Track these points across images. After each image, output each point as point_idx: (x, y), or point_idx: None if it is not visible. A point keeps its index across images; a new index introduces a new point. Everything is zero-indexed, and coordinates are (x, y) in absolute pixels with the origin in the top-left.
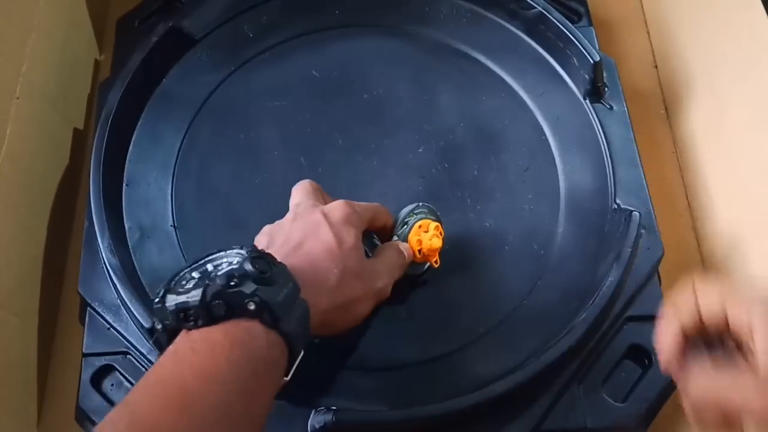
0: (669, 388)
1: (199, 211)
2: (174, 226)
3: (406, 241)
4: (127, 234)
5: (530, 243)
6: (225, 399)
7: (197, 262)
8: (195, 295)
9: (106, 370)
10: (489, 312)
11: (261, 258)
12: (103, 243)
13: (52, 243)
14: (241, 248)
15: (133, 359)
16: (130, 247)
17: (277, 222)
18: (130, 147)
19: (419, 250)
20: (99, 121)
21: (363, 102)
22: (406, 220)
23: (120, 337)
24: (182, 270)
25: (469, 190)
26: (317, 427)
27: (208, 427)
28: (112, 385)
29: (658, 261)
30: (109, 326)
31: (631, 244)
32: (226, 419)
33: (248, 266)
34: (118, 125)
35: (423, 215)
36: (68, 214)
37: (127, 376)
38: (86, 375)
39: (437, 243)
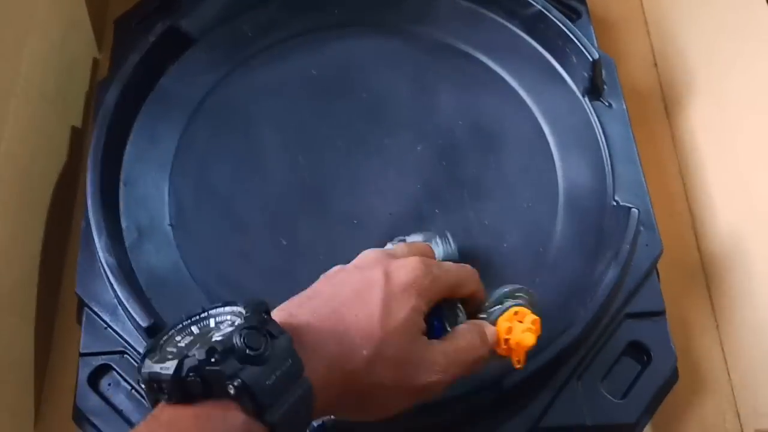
0: (668, 384)
1: (196, 210)
2: (171, 226)
3: (494, 325)
4: (125, 234)
5: (529, 241)
6: None
7: (200, 314)
8: (169, 368)
9: (104, 369)
10: None
11: (256, 330)
12: (100, 243)
13: (50, 242)
14: (245, 308)
15: (130, 359)
16: (127, 246)
17: (345, 266)
18: (128, 146)
19: (506, 340)
20: (96, 121)
21: (362, 102)
22: (501, 300)
23: (117, 336)
24: (179, 323)
25: (468, 189)
26: (316, 426)
27: None
28: (110, 384)
29: (657, 258)
30: (106, 326)
31: (630, 242)
32: None
33: (236, 339)
34: (115, 125)
35: (523, 302)
36: (66, 213)
37: (124, 375)
38: (83, 375)
39: (530, 339)
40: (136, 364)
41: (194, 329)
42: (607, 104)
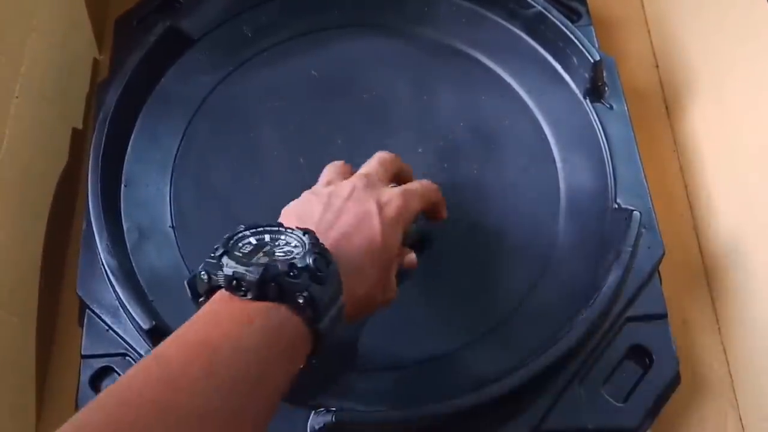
0: (670, 387)
1: (197, 211)
2: (172, 227)
3: None
4: (126, 235)
5: (530, 243)
6: (251, 373)
7: (256, 228)
8: (254, 272)
9: (105, 371)
10: (489, 312)
11: (321, 255)
12: (101, 244)
13: (50, 244)
14: (303, 234)
15: (132, 361)
16: (128, 248)
17: (315, 194)
18: (129, 147)
19: None
20: (97, 122)
21: (363, 102)
22: None
23: (119, 338)
24: (240, 231)
25: (469, 190)
26: (317, 428)
27: (234, 393)
28: None
29: (659, 260)
30: (107, 328)
31: (632, 244)
32: (251, 391)
33: (309, 260)
34: (116, 126)
35: None
36: (67, 214)
37: None
38: (85, 377)
39: None
40: None
41: (252, 240)
42: (608, 106)
